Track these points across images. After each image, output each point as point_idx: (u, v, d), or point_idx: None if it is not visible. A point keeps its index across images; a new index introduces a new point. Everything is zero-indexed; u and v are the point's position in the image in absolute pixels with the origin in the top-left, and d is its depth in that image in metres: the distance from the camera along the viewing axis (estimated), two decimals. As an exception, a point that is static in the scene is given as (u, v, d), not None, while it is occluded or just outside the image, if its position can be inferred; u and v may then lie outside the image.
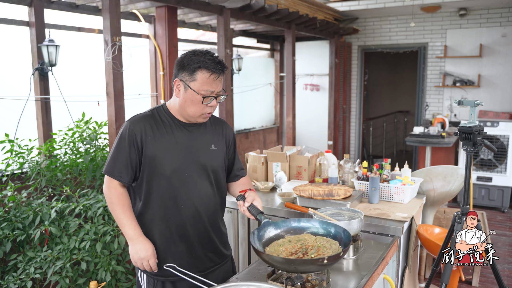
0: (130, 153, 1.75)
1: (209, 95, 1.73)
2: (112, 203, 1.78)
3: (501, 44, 6.34)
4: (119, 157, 1.75)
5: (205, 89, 1.71)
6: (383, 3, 6.33)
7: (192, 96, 1.72)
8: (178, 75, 1.75)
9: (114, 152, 1.77)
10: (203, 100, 1.72)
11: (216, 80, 1.73)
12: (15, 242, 2.81)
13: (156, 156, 1.75)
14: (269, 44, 7.50)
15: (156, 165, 1.76)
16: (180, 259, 1.84)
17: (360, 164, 3.13)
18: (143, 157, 1.76)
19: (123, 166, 1.75)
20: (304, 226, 1.82)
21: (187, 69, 1.71)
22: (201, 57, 1.71)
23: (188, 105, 1.75)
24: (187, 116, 1.80)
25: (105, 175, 1.80)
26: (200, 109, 1.75)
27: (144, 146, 1.75)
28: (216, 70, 1.71)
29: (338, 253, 1.53)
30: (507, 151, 5.45)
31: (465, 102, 2.38)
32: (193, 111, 1.76)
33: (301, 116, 7.44)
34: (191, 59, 1.71)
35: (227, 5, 4.38)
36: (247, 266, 1.90)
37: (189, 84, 1.72)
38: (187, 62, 1.71)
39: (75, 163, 3.27)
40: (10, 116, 3.45)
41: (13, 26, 3.51)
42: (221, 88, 1.78)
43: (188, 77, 1.71)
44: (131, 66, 4.00)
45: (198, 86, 1.71)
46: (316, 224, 1.82)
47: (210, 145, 1.88)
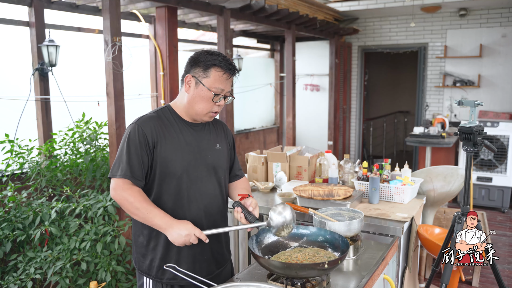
0: (142, 155, 1.71)
1: (220, 93, 1.75)
2: (132, 203, 1.67)
3: (501, 44, 6.34)
4: (131, 159, 1.70)
5: (216, 87, 1.74)
6: (383, 3, 6.33)
7: (203, 93, 1.74)
8: (190, 71, 1.77)
9: (126, 155, 1.70)
10: (214, 97, 1.74)
11: (228, 80, 1.77)
12: (15, 242, 2.81)
13: (167, 156, 1.74)
14: (269, 44, 7.51)
15: (167, 166, 1.75)
16: (193, 262, 1.81)
17: (360, 164, 3.13)
18: (155, 158, 1.74)
19: (137, 169, 1.70)
20: (303, 233, 1.85)
21: (201, 65, 1.74)
22: (216, 57, 1.75)
23: (197, 101, 1.76)
24: (194, 114, 1.80)
25: (114, 179, 1.71)
26: (209, 106, 1.76)
27: (156, 148, 1.73)
28: (229, 70, 1.76)
29: (337, 258, 1.56)
30: (507, 151, 5.45)
31: (465, 102, 2.38)
32: (202, 108, 1.77)
33: (301, 116, 7.44)
34: (206, 57, 1.75)
35: (227, 5, 4.38)
36: (247, 266, 1.90)
37: (201, 80, 1.74)
38: (202, 59, 1.75)
39: (75, 163, 3.27)
40: (10, 116, 3.45)
41: (13, 26, 3.51)
42: (230, 90, 1.81)
43: (202, 73, 1.74)
44: (131, 66, 4.00)
45: (210, 83, 1.73)
46: (314, 231, 1.84)
47: (215, 144, 1.89)
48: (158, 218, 1.67)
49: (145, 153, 1.72)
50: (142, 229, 1.81)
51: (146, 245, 1.81)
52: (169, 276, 1.80)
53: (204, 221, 1.83)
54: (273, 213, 1.67)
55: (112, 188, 1.71)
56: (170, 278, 1.80)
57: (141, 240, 1.82)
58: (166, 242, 1.77)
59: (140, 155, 1.71)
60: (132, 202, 1.67)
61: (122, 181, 1.70)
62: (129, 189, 1.69)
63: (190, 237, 1.63)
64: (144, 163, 1.72)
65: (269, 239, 1.80)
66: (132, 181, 1.70)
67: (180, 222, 1.66)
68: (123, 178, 1.69)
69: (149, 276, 1.82)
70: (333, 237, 1.79)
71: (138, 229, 1.84)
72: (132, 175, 1.69)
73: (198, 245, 1.80)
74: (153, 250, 1.80)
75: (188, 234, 1.62)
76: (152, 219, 1.67)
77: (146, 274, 1.83)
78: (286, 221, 1.66)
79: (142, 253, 1.83)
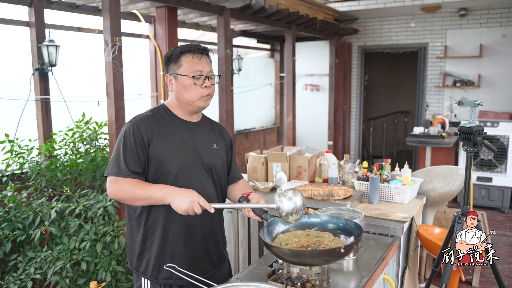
0: (138, 152, 1.71)
1: (199, 75, 1.75)
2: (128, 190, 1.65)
3: (501, 44, 6.34)
4: (127, 157, 1.69)
5: (192, 70, 1.75)
6: (383, 3, 6.33)
7: (183, 82, 1.76)
8: (167, 71, 1.81)
9: (122, 153, 1.70)
10: (194, 80, 1.74)
11: (201, 60, 1.77)
12: (15, 242, 2.81)
13: (162, 154, 1.74)
14: (269, 45, 7.51)
15: (162, 164, 1.74)
16: (187, 261, 1.80)
17: (360, 164, 3.13)
18: (150, 156, 1.74)
19: (134, 165, 1.69)
20: (314, 222, 1.81)
21: (173, 60, 1.78)
22: (182, 46, 1.79)
23: (183, 92, 1.77)
24: (187, 106, 1.80)
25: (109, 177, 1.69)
26: (196, 92, 1.76)
27: (151, 145, 1.73)
28: (197, 50, 1.77)
29: (353, 242, 1.53)
30: (507, 151, 5.45)
31: (465, 103, 2.38)
32: (190, 96, 1.76)
33: (301, 116, 7.44)
34: (174, 50, 1.79)
35: (227, 5, 4.38)
36: (247, 266, 1.90)
37: (177, 72, 1.77)
38: (170, 54, 1.80)
39: (75, 164, 3.27)
40: (10, 116, 3.45)
41: (13, 26, 3.51)
42: (211, 69, 1.81)
43: (175, 66, 1.77)
44: (131, 66, 4.00)
45: (185, 70, 1.75)
46: (325, 219, 1.81)
47: (212, 144, 1.89)
48: (158, 191, 1.64)
49: (141, 150, 1.72)
50: (137, 228, 1.80)
51: (142, 244, 1.80)
52: (164, 276, 1.79)
53: (200, 221, 1.82)
54: (284, 198, 1.60)
55: (107, 186, 1.70)
56: (166, 277, 1.79)
57: (137, 239, 1.81)
58: (161, 241, 1.78)
59: (136, 152, 1.70)
60: (128, 190, 1.65)
61: (116, 178, 1.68)
62: (123, 180, 1.67)
63: (194, 204, 1.58)
64: (141, 160, 1.72)
65: (280, 229, 1.76)
66: (128, 176, 1.68)
67: (183, 190, 1.63)
68: (117, 176, 1.68)
69: (146, 276, 1.82)
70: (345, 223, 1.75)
71: (133, 229, 1.83)
72: (129, 171, 1.68)
73: (193, 243, 1.80)
74: (148, 249, 1.80)
75: (191, 201, 1.58)
76: (153, 196, 1.64)
77: (143, 274, 1.82)
78: (296, 207, 1.59)
79: (138, 253, 1.82)
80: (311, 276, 1.65)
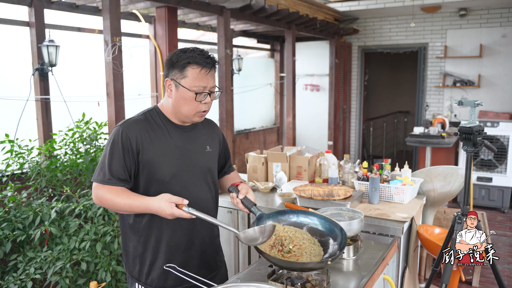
0: (125, 159, 1.64)
1: (202, 91, 1.66)
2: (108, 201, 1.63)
3: (501, 44, 6.34)
4: (112, 164, 1.63)
5: (196, 85, 1.65)
6: (383, 3, 6.33)
7: (184, 94, 1.66)
8: (168, 74, 1.70)
9: (108, 159, 1.64)
10: (196, 97, 1.65)
11: (208, 75, 1.67)
12: (15, 243, 2.80)
13: (154, 161, 1.67)
14: (269, 45, 7.51)
15: (155, 171, 1.68)
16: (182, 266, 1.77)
17: (360, 164, 3.13)
18: (140, 163, 1.67)
19: (120, 172, 1.64)
20: (303, 221, 1.80)
21: (177, 66, 1.66)
22: (190, 53, 1.66)
23: (181, 104, 1.68)
24: (182, 116, 1.73)
25: (94, 184, 1.65)
26: (194, 107, 1.68)
27: (141, 152, 1.66)
28: (206, 64, 1.66)
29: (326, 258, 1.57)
30: (507, 151, 5.45)
31: (465, 103, 2.38)
32: (188, 110, 1.69)
33: (301, 116, 7.45)
34: (180, 56, 1.66)
35: (227, 5, 4.38)
36: (247, 266, 1.90)
37: (180, 82, 1.66)
38: (176, 59, 1.66)
39: (75, 164, 3.27)
40: (10, 116, 3.46)
41: (13, 26, 3.51)
42: (214, 84, 1.72)
43: (179, 74, 1.66)
44: (131, 66, 4.00)
45: (189, 83, 1.65)
46: (315, 220, 1.80)
47: (205, 147, 1.84)
48: (138, 205, 1.61)
49: (128, 157, 1.65)
50: (131, 234, 1.77)
51: (135, 250, 1.77)
52: (157, 284, 1.76)
53: (196, 227, 1.79)
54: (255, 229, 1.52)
55: (92, 192, 1.68)
56: (159, 286, 1.77)
57: (130, 245, 1.79)
58: (154, 248, 1.75)
59: (123, 158, 1.64)
60: (109, 199, 1.62)
61: (99, 185, 1.65)
62: (106, 187, 1.64)
63: (173, 210, 1.55)
64: (127, 167, 1.65)
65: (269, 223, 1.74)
66: (113, 184, 1.64)
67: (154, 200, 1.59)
68: (101, 183, 1.64)
69: (140, 282, 1.79)
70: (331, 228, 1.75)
71: (127, 235, 1.80)
72: (113, 178, 1.63)
73: (189, 251, 1.78)
74: (142, 255, 1.77)
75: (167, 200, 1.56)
76: (136, 208, 1.62)
77: (136, 280, 1.80)
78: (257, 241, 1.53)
79: (132, 258, 1.79)
80: (311, 276, 1.65)
